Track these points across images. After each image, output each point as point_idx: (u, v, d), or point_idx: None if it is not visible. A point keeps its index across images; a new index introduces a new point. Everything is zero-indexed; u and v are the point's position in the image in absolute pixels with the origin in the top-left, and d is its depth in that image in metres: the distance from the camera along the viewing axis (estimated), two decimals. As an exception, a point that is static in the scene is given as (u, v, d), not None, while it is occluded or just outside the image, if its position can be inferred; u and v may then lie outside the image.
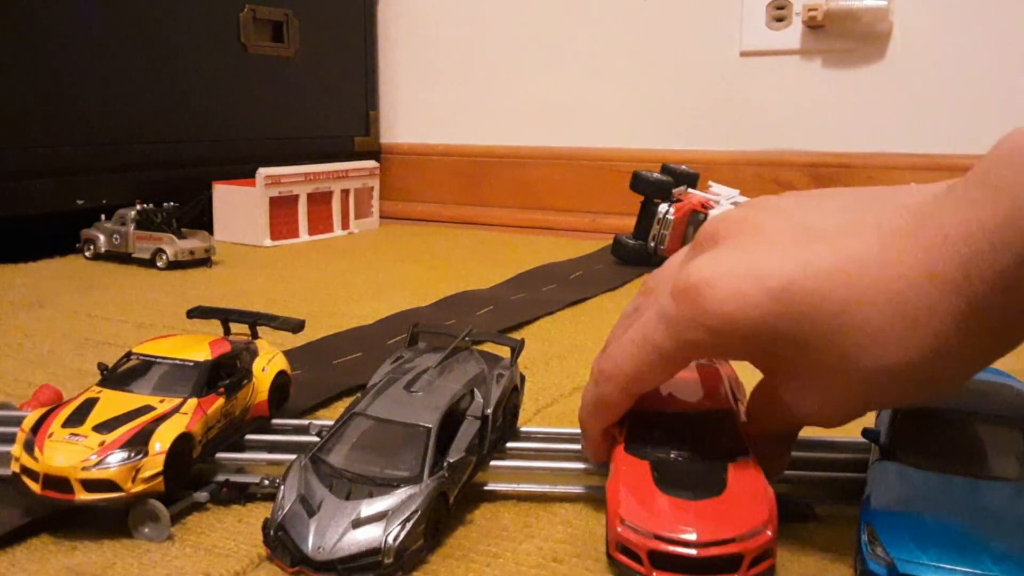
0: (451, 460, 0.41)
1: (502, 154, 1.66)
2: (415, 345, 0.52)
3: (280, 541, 0.38)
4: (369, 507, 0.38)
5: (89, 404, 0.43)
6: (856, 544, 0.37)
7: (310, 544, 0.37)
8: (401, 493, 0.39)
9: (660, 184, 1.16)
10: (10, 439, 0.45)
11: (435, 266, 1.17)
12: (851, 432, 0.46)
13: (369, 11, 1.71)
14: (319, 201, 1.42)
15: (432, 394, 0.44)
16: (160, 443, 0.41)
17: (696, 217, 1.16)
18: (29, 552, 0.40)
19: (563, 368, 0.69)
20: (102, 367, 0.48)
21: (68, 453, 0.40)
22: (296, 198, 1.38)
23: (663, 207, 1.14)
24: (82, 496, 0.40)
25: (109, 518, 0.42)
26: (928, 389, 0.34)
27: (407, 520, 0.38)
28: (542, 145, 1.62)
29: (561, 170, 1.60)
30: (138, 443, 0.41)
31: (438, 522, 0.40)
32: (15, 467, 0.41)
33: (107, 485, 0.40)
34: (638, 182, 1.17)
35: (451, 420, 0.43)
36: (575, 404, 0.61)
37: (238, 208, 1.35)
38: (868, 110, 1.37)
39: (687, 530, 0.35)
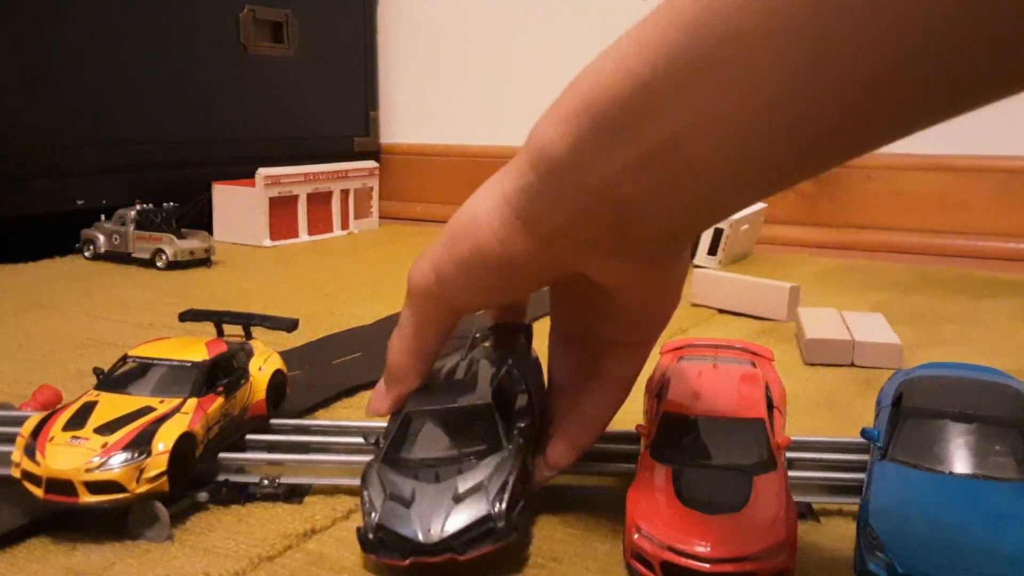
0: (521, 425, 0.42)
1: (502, 154, 1.66)
2: None
3: (383, 541, 0.37)
4: (464, 482, 0.38)
5: (89, 407, 0.43)
6: (856, 544, 0.37)
7: (419, 531, 0.37)
8: (490, 462, 0.39)
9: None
10: (10, 439, 0.45)
11: (435, 266, 1.17)
12: (851, 432, 0.46)
13: (369, 11, 1.71)
14: (319, 201, 1.42)
15: (475, 378, 0.44)
16: (163, 443, 0.41)
17: (696, 217, 1.16)
18: (29, 552, 0.40)
19: (563, 368, 0.69)
20: (98, 371, 0.48)
21: (71, 456, 0.40)
22: (296, 198, 1.38)
23: (663, 207, 1.14)
24: (86, 498, 0.40)
25: (109, 519, 0.42)
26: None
27: (505, 483, 0.38)
28: (542, 145, 1.62)
29: (561, 170, 1.60)
30: (141, 443, 0.41)
31: (527, 483, 0.41)
32: (16, 473, 0.41)
33: (111, 486, 0.40)
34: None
35: (502, 396, 0.43)
36: (575, 404, 0.61)
37: (238, 208, 1.35)
38: (868, 110, 1.36)
39: (701, 544, 0.35)
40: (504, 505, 0.37)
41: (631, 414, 0.48)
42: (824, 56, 0.24)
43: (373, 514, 0.38)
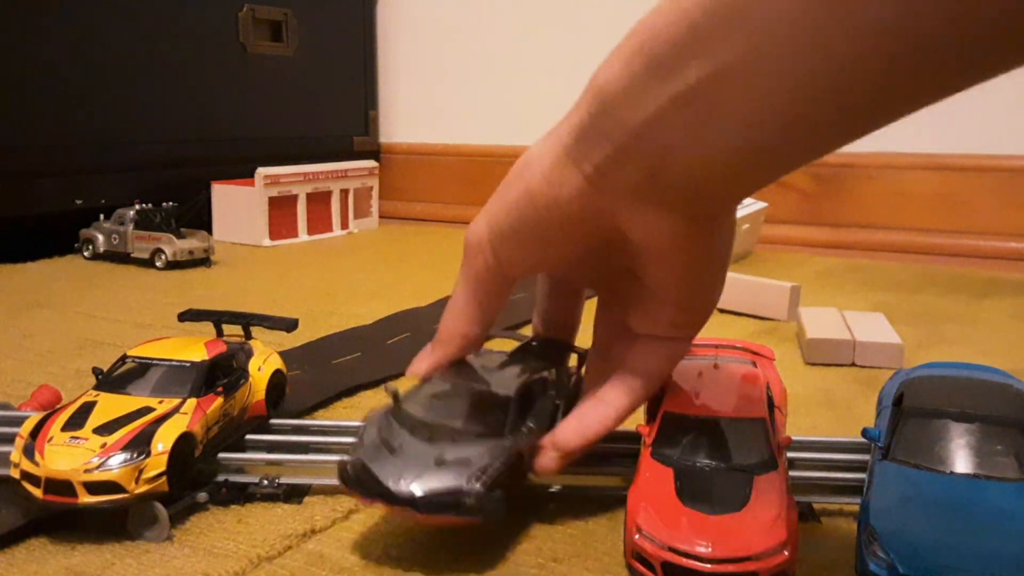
0: (530, 424, 0.42)
1: (502, 154, 1.66)
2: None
3: (358, 478, 0.38)
4: (452, 452, 0.39)
5: (88, 407, 0.43)
6: (856, 544, 0.37)
7: (390, 478, 0.37)
8: (484, 443, 0.39)
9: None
10: (9, 439, 0.45)
11: (435, 266, 1.17)
12: (852, 432, 0.46)
13: (369, 11, 1.71)
14: (318, 201, 1.42)
15: (510, 372, 0.44)
16: (162, 443, 0.41)
17: (696, 217, 1.16)
18: (28, 553, 0.40)
19: (563, 368, 0.69)
20: (97, 371, 0.48)
21: (70, 456, 0.40)
22: (295, 198, 1.38)
23: (663, 207, 1.14)
24: (85, 499, 0.40)
25: (108, 519, 0.42)
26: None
27: (489, 466, 0.38)
28: (542, 145, 1.62)
29: (561, 170, 1.60)
30: (140, 444, 0.41)
31: (515, 478, 0.40)
32: (15, 473, 0.41)
33: (110, 487, 0.40)
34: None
35: (528, 397, 0.43)
36: (575, 404, 0.61)
37: (237, 208, 1.35)
38: (868, 110, 1.36)
39: (702, 544, 0.35)
40: (480, 485, 0.37)
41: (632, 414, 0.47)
42: (847, 10, 0.25)
43: (360, 450, 0.39)
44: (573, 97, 0.36)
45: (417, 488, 0.37)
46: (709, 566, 0.35)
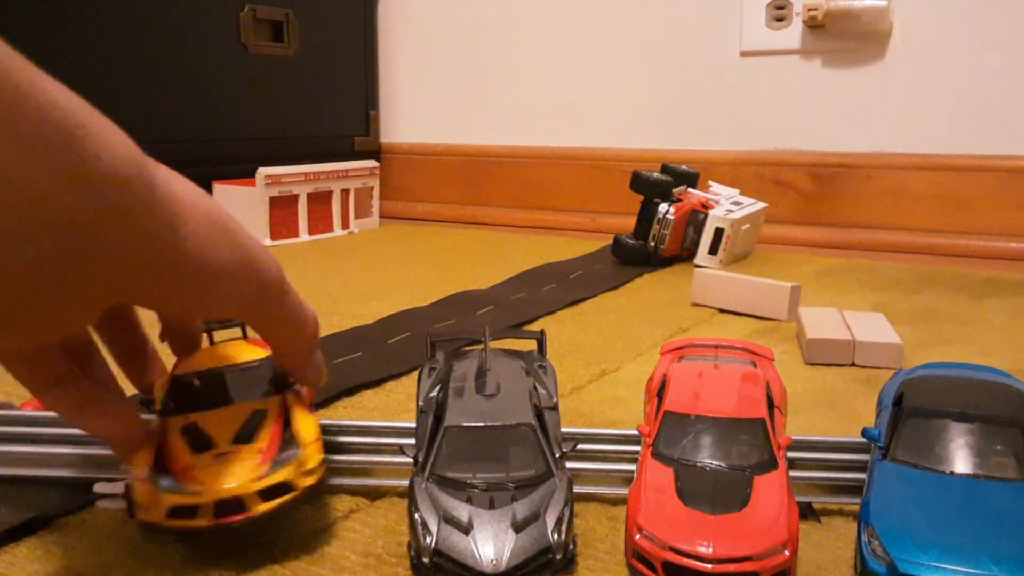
0: (564, 450, 0.41)
1: (502, 154, 1.66)
2: (435, 355, 0.50)
3: (439, 566, 0.37)
4: (521, 510, 0.38)
5: (193, 429, 0.41)
6: (856, 544, 0.37)
7: (481, 559, 0.36)
8: (544, 490, 0.39)
9: (660, 184, 1.16)
10: (10, 439, 0.45)
11: (435, 266, 1.17)
12: (852, 432, 0.46)
13: (369, 11, 1.71)
14: (319, 201, 1.42)
15: (509, 393, 0.43)
16: (307, 434, 0.41)
17: (696, 217, 1.16)
18: (29, 551, 0.40)
19: (563, 368, 0.69)
20: (145, 400, 0.45)
21: (234, 471, 0.38)
22: (296, 198, 1.38)
23: (663, 207, 1.14)
24: (260, 508, 0.38)
25: (108, 516, 0.42)
26: None
27: (562, 514, 0.38)
28: (542, 145, 1.62)
29: (561, 170, 1.60)
30: (291, 440, 0.40)
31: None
32: (153, 516, 0.38)
33: (282, 488, 0.39)
34: (638, 182, 1.17)
35: (536, 410, 0.43)
36: (575, 404, 0.61)
37: (238, 208, 1.35)
38: (868, 110, 1.37)
39: (703, 544, 0.35)
40: (562, 536, 0.37)
41: (632, 414, 0.48)
42: None
43: (428, 538, 0.37)
44: (572, 97, 0.35)
45: (507, 562, 0.36)
46: (710, 566, 0.35)
